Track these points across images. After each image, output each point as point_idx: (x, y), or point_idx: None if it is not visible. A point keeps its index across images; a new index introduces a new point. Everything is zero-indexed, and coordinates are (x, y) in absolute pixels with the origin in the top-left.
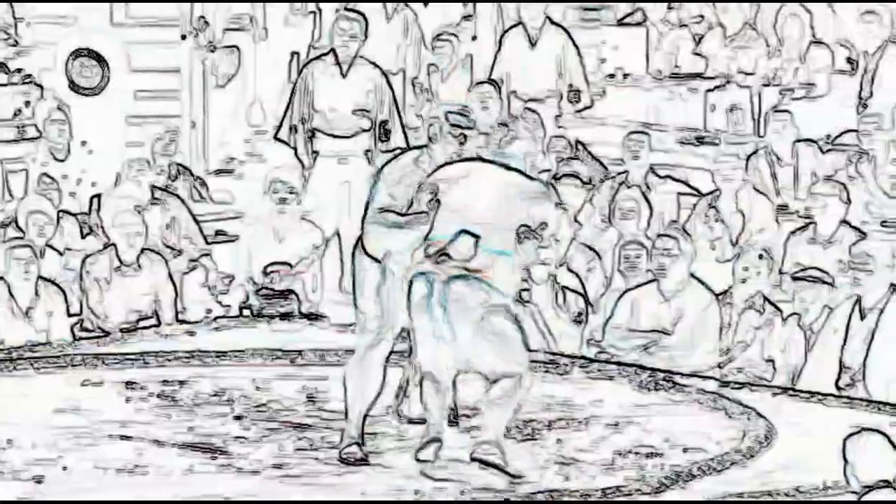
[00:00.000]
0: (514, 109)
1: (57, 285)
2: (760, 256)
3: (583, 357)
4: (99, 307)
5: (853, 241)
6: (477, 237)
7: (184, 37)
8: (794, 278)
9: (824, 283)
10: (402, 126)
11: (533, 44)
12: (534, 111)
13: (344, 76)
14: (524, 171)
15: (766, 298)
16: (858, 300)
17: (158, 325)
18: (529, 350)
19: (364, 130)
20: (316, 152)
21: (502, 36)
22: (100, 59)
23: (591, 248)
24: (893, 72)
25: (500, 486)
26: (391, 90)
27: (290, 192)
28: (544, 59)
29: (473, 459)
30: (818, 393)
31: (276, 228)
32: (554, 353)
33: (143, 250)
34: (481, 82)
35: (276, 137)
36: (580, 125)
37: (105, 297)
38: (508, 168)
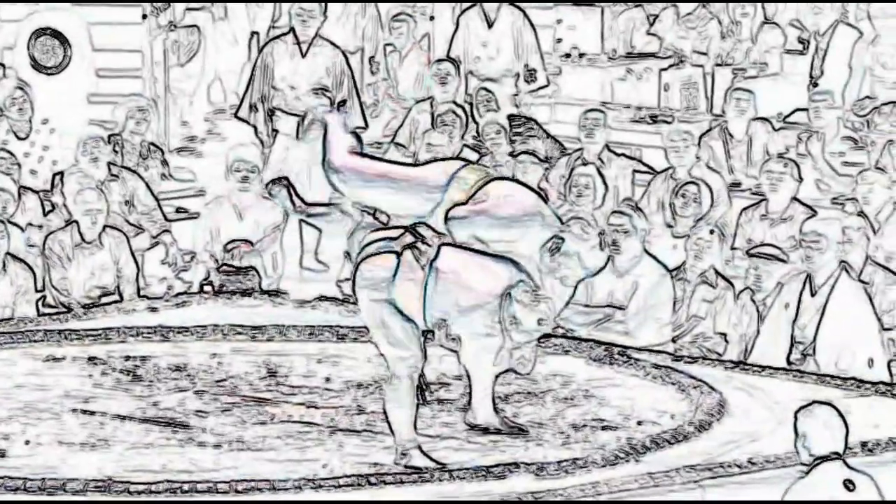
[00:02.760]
0: (471, 88)
1: (25, 262)
2: (711, 231)
3: None
4: (61, 284)
5: (804, 219)
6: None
7: (145, 16)
8: (750, 255)
9: (779, 259)
10: (361, 105)
11: (490, 24)
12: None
13: (303, 56)
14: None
15: (717, 273)
16: (808, 277)
17: (120, 301)
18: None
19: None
20: (276, 131)
21: (459, 16)
22: (61, 38)
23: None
24: (844, 51)
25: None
26: (350, 70)
27: (252, 171)
28: (501, 39)
29: (396, 465)
30: (769, 367)
31: (236, 205)
32: None
33: (104, 227)
34: (440, 60)
35: (236, 116)
36: (536, 104)
37: (67, 273)
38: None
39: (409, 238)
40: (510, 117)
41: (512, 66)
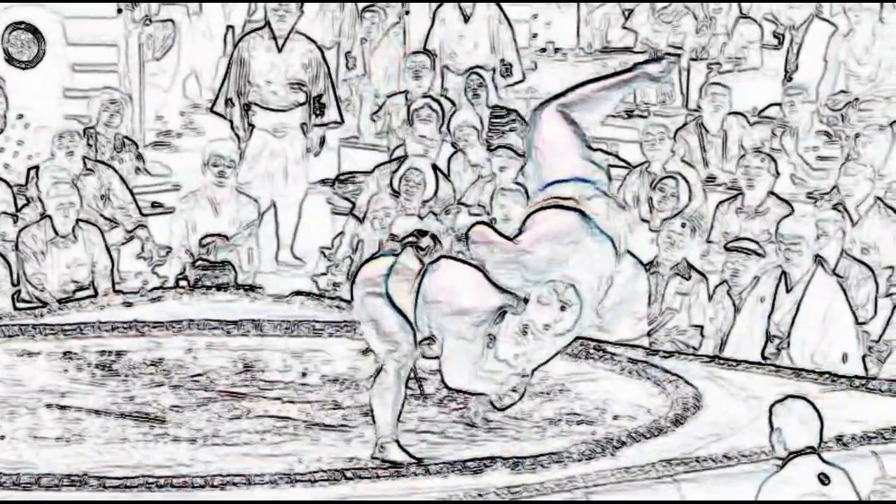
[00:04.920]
0: (447, 82)
1: (1, 255)
2: (683, 225)
3: None
4: (36, 278)
5: (781, 217)
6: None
7: (120, 10)
8: (727, 249)
9: (756, 254)
10: (337, 100)
11: (466, 18)
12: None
13: (280, 50)
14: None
15: (690, 265)
16: (784, 272)
17: (95, 295)
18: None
19: (299, 104)
20: (252, 125)
21: (436, 10)
22: (35, 33)
23: None
24: (818, 45)
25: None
26: (326, 64)
27: (229, 166)
28: (477, 33)
29: (373, 458)
30: (745, 361)
31: (212, 200)
32: None
33: (77, 221)
34: (415, 53)
35: (211, 110)
36: (512, 99)
37: (42, 267)
38: None
39: (410, 239)
40: (493, 108)
41: (488, 60)
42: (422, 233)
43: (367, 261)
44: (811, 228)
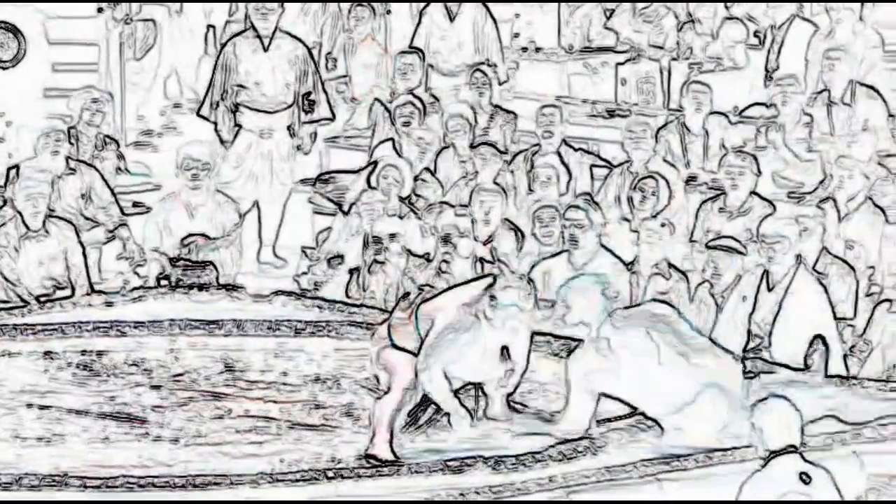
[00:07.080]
0: (431, 82)
1: None
2: (663, 225)
3: None
4: (11, 275)
5: (763, 216)
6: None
7: (100, 10)
8: (709, 247)
9: (738, 252)
10: (327, 96)
11: (451, 18)
12: None
13: (266, 49)
14: None
15: (670, 265)
16: (766, 272)
17: (73, 294)
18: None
19: (288, 106)
20: (239, 126)
21: (422, 10)
22: (16, 32)
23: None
24: (800, 45)
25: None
26: (313, 61)
27: (203, 169)
28: (462, 33)
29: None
30: None
31: (187, 204)
32: None
33: (50, 217)
34: (404, 52)
35: (198, 114)
36: (496, 99)
37: (15, 264)
38: None
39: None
40: (494, 108)
41: (472, 60)
42: (405, 295)
43: (379, 324)
44: (793, 228)
